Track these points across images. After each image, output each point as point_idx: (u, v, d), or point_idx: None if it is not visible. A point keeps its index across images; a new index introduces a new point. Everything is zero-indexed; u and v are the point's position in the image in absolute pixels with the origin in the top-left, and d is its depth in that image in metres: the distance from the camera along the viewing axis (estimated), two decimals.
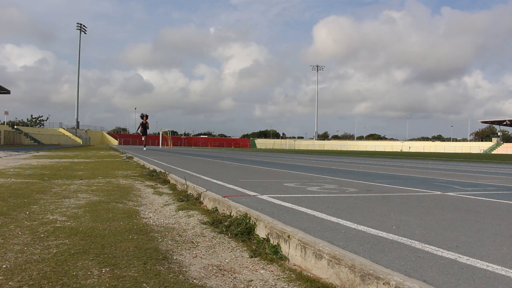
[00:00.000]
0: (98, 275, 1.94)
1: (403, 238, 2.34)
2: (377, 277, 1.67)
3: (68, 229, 2.86)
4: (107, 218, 3.29)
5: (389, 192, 4.77)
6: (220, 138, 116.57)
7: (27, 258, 2.17)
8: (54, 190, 4.95)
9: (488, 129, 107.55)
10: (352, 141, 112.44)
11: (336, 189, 4.98)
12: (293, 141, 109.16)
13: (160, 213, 3.70)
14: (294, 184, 5.51)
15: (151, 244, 2.55)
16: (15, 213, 3.39)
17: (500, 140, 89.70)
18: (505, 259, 1.95)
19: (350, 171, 9.17)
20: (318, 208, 3.36)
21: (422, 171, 9.61)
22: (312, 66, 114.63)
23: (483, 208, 3.68)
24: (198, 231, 2.98)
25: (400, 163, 14.97)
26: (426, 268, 1.79)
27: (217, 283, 1.94)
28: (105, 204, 3.99)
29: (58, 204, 3.95)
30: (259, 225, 2.77)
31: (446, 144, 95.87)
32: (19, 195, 4.42)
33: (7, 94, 50.76)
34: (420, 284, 1.58)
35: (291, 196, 4.17)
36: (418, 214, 3.21)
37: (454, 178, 7.61)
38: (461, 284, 1.59)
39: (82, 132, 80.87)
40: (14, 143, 51.62)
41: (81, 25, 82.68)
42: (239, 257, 2.37)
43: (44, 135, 65.66)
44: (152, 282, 1.87)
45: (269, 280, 1.99)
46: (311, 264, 2.09)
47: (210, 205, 3.89)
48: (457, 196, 4.62)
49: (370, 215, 3.09)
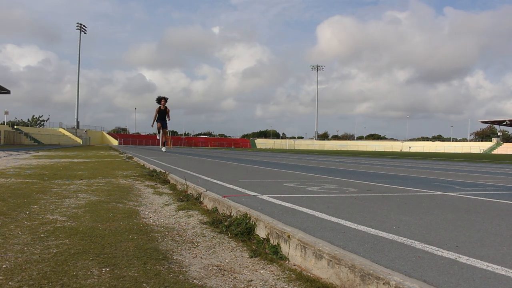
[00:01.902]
0: (98, 275, 1.94)
1: (403, 238, 2.34)
2: (377, 277, 1.67)
3: (68, 229, 2.86)
4: (107, 218, 3.29)
5: (389, 192, 4.77)
6: (220, 138, 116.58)
7: (27, 258, 2.17)
8: (54, 190, 4.95)
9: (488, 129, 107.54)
10: (352, 141, 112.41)
11: (336, 189, 4.98)
12: (293, 141, 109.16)
13: (160, 213, 3.70)
14: (294, 184, 5.51)
15: (151, 244, 2.55)
16: (15, 213, 3.39)
17: (500, 140, 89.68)
18: (505, 259, 1.95)
19: (350, 171, 9.17)
20: (318, 208, 3.36)
21: (422, 171, 9.61)
22: (312, 66, 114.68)
23: (483, 208, 3.67)
24: (198, 231, 2.97)
25: (400, 163, 14.97)
26: (426, 268, 1.79)
27: (217, 283, 1.94)
28: (105, 204, 3.99)
29: (58, 204, 3.95)
30: (259, 225, 2.77)
31: (446, 144, 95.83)
32: (19, 195, 4.42)
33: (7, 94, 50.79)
34: (420, 284, 1.58)
35: (291, 196, 4.17)
36: (418, 214, 3.21)
37: (454, 178, 7.61)
38: (461, 284, 1.59)
39: (82, 132, 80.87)
40: (14, 143, 51.61)
41: (81, 25, 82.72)
42: (239, 257, 2.37)
43: (44, 135, 65.66)
44: (152, 282, 1.87)
45: (269, 280, 1.99)
46: (311, 264, 2.09)
47: (210, 205, 3.89)
48: (457, 196, 4.62)
49: (370, 215, 3.09)
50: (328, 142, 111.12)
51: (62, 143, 63.15)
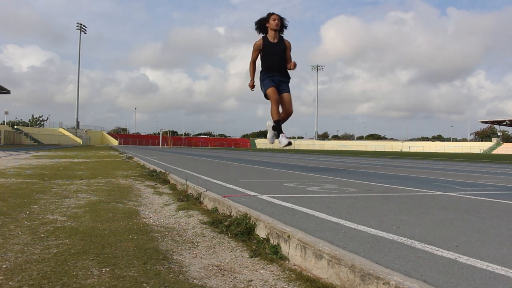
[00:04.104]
0: (98, 275, 1.94)
1: (403, 238, 2.34)
2: (377, 277, 1.67)
3: (68, 229, 2.86)
4: (107, 218, 3.29)
5: (389, 192, 4.77)
6: (220, 138, 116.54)
7: (27, 258, 2.17)
8: (54, 190, 4.95)
9: (489, 129, 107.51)
10: (352, 141, 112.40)
11: (336, 189, 4.98)
12: (293, 141, 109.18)
13: (160, 213, 3.70)
14: (294, 184, 5.51)
15: (151, 244, 2.55)
16: (15, 213, 3.39)
17: (500, 140, 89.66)
18: (505, 259, 1.95)
19: (350, 171, 9.17)
20: (318, 208, 3.36)
21: (422, 171, 9.61)
22: (312, 66, 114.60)
23: (483, 208, 3.67)
24: (198, 231, 2.97)
25: (400, 163, 14.97)
26: (426, 268, 1.79)
27: (217, 283, 1.94)
28: (105, 204, 3.99)
29: (58, 204, 3.95)
30: (259, 225, 2.77)
31: (446, 144, 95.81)
32: (19, 195, 4.42)
33: (7, 94, 50.81)
34: (420, 284, 1.58)
35: (291, 196, 4.17)
36: (418, 214, 3.21)
37: (454, 178, 7.61)
38: (461, 284, 1.59)
39: (82, 132, 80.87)
40: (14, 143, 51.60)
41: (81, 25, 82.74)
42: (239, 257, 2.37)
43: (44, 135, 65.66)
44: (152, 282, 1.87)
45: (269, 280, 1.99)
46: (311, 264, 2.09)
47: (210, 205, 3.89)
48: (457, 196, 4.62)
49: (370, 215, 3.09)
50: (328, 142, 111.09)
51: (62, 143, 63.12)
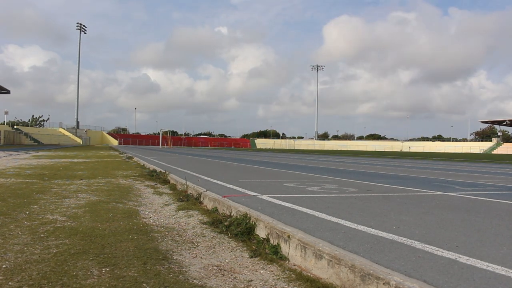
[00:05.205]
0: (98, 275, 1.94)
1: (403, 238, 2.34)
2: (377, 277, 1.67)
3: (68, 229, 2.86)
4: (107, 218, 3.29)
5: (389, 192, 4.77)
6: (220, 138, 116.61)
7: (27, 258, 2.17)
8: (54, 190, 4.95)
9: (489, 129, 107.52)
10: (352, 141, 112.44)
11: (336, 189, 4.98)
12: (293, 141, 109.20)
13: (160, 213, 3.69)
14: (294, 184, 5.51)
15: (151, 244, 2.55)
16: (15, 213, 3.39)
17: (500, 140, 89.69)
18: (505, 259, 1.95)
19: (350, 171, 9.16)
20: (318, 208, 3.36)
21: (422, 171, 9.60)
22: (312, 66, 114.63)
23: (483, 208, 3.67)
24: (198, 231, 2.97)
25: (400, 163, 14.97)
26: (426, 268, 1.79)
27: (217, 283, 1.94)
28: (105, 204, 3.99)
29: (58, 204, 3.95)
30: (259, 225, 2.77)
31: (446, 144, 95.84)
32: (19, 195, 4.42)
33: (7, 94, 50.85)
34: (420, 284, 1.58)
35: (291, 196, 4.17)
36: (418, 214, 3.21)
37: (454, 178, 7.61)
38: (461, 284, 1.59)
39: (82, 132, 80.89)
40: (14, 143, 51.64)
41: (81, 25, 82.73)
42: (239, 257, 2.37)
43: (44, 135, 65.68)
44: (152, 282, 1.87)
45: (269, 280, 1.99)
46: (311, 264, 2.09)
47: (210, 205, 3.89)
48: (457, 196, 4.62)
49: (370, 215, 3.09)
50: (328, 142, 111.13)
51: (62, 143, 63.17)
